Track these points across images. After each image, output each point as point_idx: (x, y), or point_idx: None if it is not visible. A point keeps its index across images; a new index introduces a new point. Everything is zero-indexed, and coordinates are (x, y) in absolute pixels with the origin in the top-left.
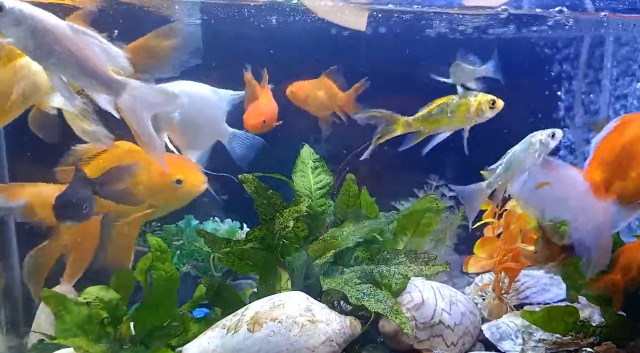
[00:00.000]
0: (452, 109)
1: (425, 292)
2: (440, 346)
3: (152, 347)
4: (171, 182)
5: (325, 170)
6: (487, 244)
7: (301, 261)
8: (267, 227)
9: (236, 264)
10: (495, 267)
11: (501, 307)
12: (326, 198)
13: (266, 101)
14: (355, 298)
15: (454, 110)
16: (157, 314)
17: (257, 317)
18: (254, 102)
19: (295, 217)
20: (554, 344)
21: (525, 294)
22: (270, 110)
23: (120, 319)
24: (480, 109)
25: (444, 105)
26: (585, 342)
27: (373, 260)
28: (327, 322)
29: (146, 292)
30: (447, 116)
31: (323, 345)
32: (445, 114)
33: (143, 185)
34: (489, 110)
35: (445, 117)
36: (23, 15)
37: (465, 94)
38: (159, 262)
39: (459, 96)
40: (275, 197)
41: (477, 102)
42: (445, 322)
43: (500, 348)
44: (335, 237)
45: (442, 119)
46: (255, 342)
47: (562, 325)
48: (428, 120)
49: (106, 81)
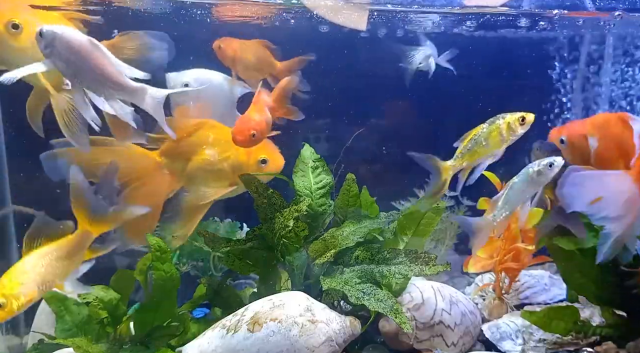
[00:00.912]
0: (485, 137)
1: (426, 292)
2: (441, 346)
3: (152, 347)
4: (257, 162)
5: (326, 170)
6: (487, 244)
7: (301, 261)
8: (267, 227)
9: (236, 264)
10: (495, 267)
11: (501, 307)
12: (326, 198)
13: (256, 112)
14: (355, 297)
15: (487, 138)
16: (157, 314)
17: (257, 317)
18: (243, 114)
19: (295, 216)
20: (554, 344)
21: (526, 294)
22: (260, 122)
23: (120, 319)
24: (511, 128)
25: (476, 137)
26: (585, 342)
27: (373, 260)
28: (327, 322)
29: (146, 292)
30: (483, 145)
31: (323, 345)
32: (480, 145)
33: (229, 162)
34: (520, 127)
35: (481, 147)
36: (58, 37)
37: (493, 119)
38: (158, 262)
39: (488, 123)
40: (276, 197)
41: (506, 124)
42: (445, 322)
43: (500, 348)
44: (336, 237)
45: (479, 150)
46: (255, 342)
47: (562, 325)
48: (467, 156)
49: (130, 90)
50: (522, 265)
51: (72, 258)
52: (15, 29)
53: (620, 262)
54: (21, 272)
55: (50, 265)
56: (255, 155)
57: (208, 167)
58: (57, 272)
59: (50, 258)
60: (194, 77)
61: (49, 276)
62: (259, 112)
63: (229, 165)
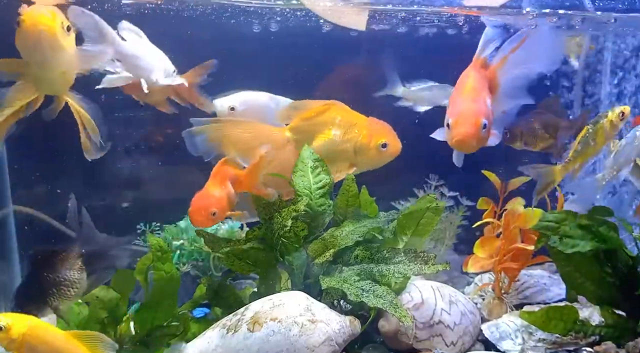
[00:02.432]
0: (592, 138)
1: (425, 291)
2: (440, 346)
3: (152, 347)
4: (377, 145)
5: (325, 169)
6: (487, 244)
7: (301, 260)
8: (266, 227)
9: (236, 264)
10: (495, 267)
11: (501, 307)
12: (326, 198)
13: (216, 187)
14: (354, 295)
15: (594, 138)
16: (157, 314)
17: (257, 317)
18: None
19: (294, 216)
20: (553, 344)
21: (525, 294)
22: (221, 199)
23: (120, 319)
24: (614, 125)
25: (584, 138)
26: (584, 342)
27: (373, 260)
28: (327, 321)
29: (146, 292)
30: (591, 145)
31: (323, 344)
32: (589, 145)
33: (351, 144)
34: (621, 121)
35: (590, 147)
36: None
37: (596, 119)
38: (159, 262)
39: (592, 122)
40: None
41: (608, 122)
42: (445, 322)
43: (500, 348)
44: (335, 236)
45: (588, 150)
46: (255, 341)
47: (562, 324)
48: (578, 158)
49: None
50: (521, 265)
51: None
52: (68, 31)
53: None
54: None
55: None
56: (376, 139)
57: (331, 146)
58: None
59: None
60: (240, 100)
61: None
62: (219, 187)
63: (351, 146)
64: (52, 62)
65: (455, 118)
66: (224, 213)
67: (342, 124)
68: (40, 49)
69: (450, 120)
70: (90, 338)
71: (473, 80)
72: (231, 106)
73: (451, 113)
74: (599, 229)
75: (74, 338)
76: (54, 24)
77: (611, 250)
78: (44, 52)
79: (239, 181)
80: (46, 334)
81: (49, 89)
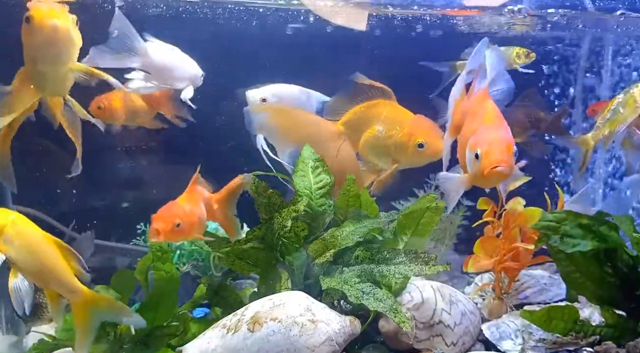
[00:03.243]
0: (622, 105)
1: (425, 291)
2: (440, 346)
3: (152, 347)
4: (415, 145)
5: (326, 169)
6: (487, 244)
7: (301, 261)
8: (266, 227)
9: (236, 264)
10: (495, 267)
11: (501, 307)
12: (326, 198)
13: (188, 202)
14: (354, 297)
15: (624, 106)
16: (157, 314)
17: (257, 317)
18: (170, 203)
19: (294, 216)
20: (553, 344)
21: (525, 294)
22: (190, 214)
23: None
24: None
25: (614, 106)
26: (585, 342)
27: (373, 260)
28: (327, 321)
29: (146, 292)
30: (620, 113)
31: (323, 344)
32: (618, 113)
33: (392, 141)
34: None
35: (619, 115)
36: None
37: (627, 89)
38: (159, 262)
39: (623, 93)
40: (275, 197)
41: (639, 91)
42: (445, 322)
43: (500, 348)
44: (335, 237)
45: (617, 118)
46: (255, 341)
47: (562, 324)
48: (607, 124)
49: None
50: (521, 265)
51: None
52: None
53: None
54: None
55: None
56: (414, 138)
57: (375, 141)
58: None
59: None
60: (272, 92)
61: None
62: (191, 203)
63: (391, 143)
64: (64, 58)
65: (487, 147)
66: (190, 230)
67: (386, 120)
68: (55, 43)
69: (480, 150)
70: (67, 251)
71: (493, 108)
72: (263, 98)
73: (478, 143)
74: (599, 229)
75: (52, 243)
76: (67, 18)
77: (612, 249)
78: (58, 47)
79: (210, 207)
80: (26, 230)
81: (53, 88)
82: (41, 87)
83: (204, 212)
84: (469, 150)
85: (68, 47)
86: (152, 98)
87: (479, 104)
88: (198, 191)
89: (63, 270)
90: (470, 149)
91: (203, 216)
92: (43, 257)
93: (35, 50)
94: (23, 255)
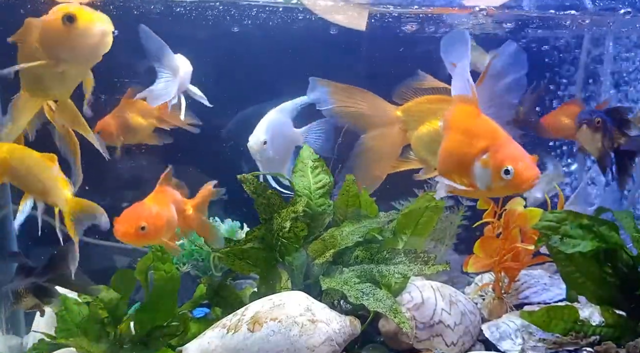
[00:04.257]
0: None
1: (425, 291)
2: (440, 346)
3: (152, 347)
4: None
5: (325, 170)
6: (487, 244)
7: (301, 261)
8: (266, 227)
9: (236, 264)
10: (495, 267)
11: (501, 307)
12: (326, 198)
13: (156, 203)
14: (354, 297)
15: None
16: (157, 314)
17: (257, 317)
18: (135, 203)
19: (293, 217)
20: (553, 344)
21: (525, 294)
22: (158, 216)
23: (120, 319)
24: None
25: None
26: (585, 342)
27: (373, 260)
28: (327, 321)
29: (146, 292)
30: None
31: (323, 344)
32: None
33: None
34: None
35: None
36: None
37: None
38: (159, 262)
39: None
40: (275, 197)
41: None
42: (445, 322)
43: (500, 348)
44: (335, 237)
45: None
46: (255, 341)
47: (562, 325)
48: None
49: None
50: (521, 265)
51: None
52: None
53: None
54: None
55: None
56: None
57: (435, 136)
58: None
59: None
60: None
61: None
62: (159, 204)
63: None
64: (92, 63)
65: (520, 164)
66: (157, 233)
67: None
68: (96, 49)
69: (512, 167)
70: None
71: (489, 123)
72: (264, 140)
73: (506, 159)
74: (599, 229)
75: (47, 160)
76: (111, 26)
77: (611, 250)
78: (96, 52)
79: (183, 211)
80: (23, 155)
81: (63, 92)
82: (51, 89)
83: (173, 215)
84: (491, 168)
85: (101, 53)
86: (158, 112)
87: (468, 118)
88: (167, 192)
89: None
90: (497, 168)
91: (172, 219)
92: (44, 179)
93: (67, 50)
94: (26, 180)
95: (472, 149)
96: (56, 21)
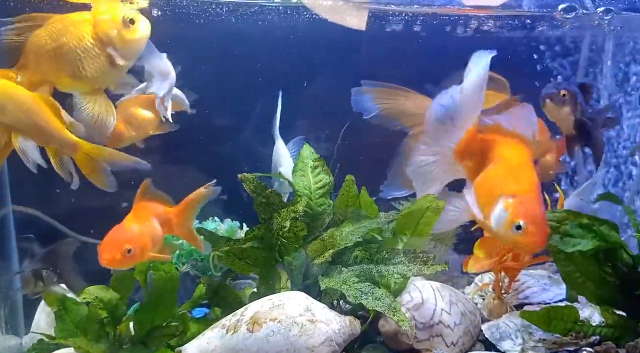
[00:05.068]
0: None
1: (425, 292)
2: (440, 346)
3: (152, 347)
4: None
5: (325, 170)
6: (487, 244)
7: (300, 261)
8: (266, 227)
9: (236, 264)
10: (495, 267)
11: (501, 307)
12: (326, 198)
13: (137, 222)
14: (353, 296)
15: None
16: (156, 314)
17: (256, 317)
18: (116, 227)
19: (293, 217)
20: (554, 344)
21: (526, 294)
22: (141, 236)
23: (120, 319)
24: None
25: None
26: (585, 342)
27: (372, 260)
28: (327, 322)
29: (146, 293)
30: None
31: (323, 345)
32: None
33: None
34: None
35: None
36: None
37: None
38: (159, 262)
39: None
40: (275, 197)
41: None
42: (445, 322)
43: (500, 348)
44: (335, 237)
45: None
46: (255, 342)
47: (562, 325)
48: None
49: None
50: (522, 265)
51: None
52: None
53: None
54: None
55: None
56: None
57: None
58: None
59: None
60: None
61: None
62: (140, 222)
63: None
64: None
65: (533, 227)
66: (144, 252)
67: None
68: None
69: (525, 224)
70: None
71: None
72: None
73: (522, 215)
74: (600, 228)
75: (41, 102)
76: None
77: (612, 249)
78: (135, 58)
79: (168, 221)
80: (16, 93)
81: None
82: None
83: (157, 229)
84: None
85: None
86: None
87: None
88: (147, 208)
89: (57, 126)
90: (513, 217)
91: (156, 234)
92: (36, 117)
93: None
94: (18, 118)
95: (506, 187)
96: (116, 22)
